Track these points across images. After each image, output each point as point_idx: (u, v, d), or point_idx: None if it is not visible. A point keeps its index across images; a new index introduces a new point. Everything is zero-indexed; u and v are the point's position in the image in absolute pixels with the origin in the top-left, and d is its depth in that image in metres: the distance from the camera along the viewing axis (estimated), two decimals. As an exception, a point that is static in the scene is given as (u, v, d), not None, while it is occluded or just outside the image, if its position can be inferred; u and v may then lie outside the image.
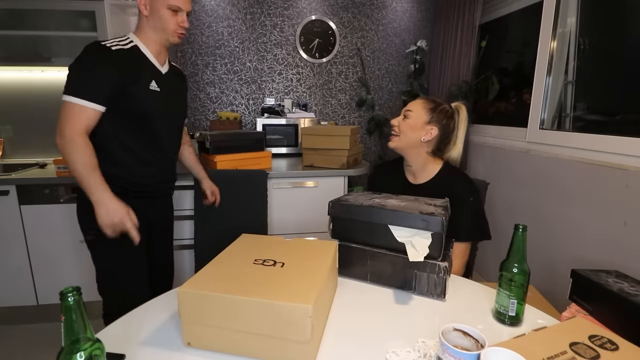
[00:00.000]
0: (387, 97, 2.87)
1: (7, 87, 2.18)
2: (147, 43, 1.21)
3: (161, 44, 1.23)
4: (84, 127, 1.07)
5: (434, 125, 1.19)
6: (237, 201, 1.75)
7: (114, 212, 1.07)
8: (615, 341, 0.64)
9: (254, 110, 2.73)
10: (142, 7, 1.18)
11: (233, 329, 0.67)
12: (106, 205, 1.06)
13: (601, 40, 1.68)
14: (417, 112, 1.20)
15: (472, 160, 2.44)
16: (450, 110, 1.22)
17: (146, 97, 1.18)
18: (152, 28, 1.19)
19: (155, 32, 1.20)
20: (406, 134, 1.20)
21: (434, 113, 1.19)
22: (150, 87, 1.19)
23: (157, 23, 1.18)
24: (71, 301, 0.48)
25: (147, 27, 1.20)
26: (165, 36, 1.20)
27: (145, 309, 0.86)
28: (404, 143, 1.21)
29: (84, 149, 1.06)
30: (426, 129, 1.19)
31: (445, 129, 1.20)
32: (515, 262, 0.77)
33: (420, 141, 1.19)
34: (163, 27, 1.18)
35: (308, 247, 0.88)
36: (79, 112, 1.06)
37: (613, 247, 1.41)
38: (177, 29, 1.20)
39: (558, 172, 1.69)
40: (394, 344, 0.72)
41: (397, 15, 2.76)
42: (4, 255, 1.82)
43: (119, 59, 1.11)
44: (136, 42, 1.19)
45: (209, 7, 2.53)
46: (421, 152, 1.21)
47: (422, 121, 1.19)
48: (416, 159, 1.22)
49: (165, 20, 1.17)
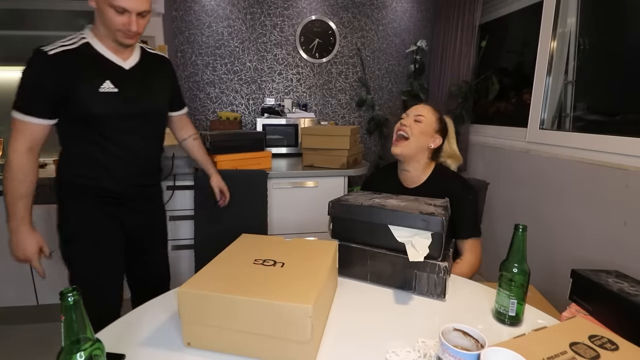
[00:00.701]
0: (387, 97, 2.87)
1: (7, 87, 2.18)
2: (102, 39, 1.09)
3: (113, 41, 1.09)
4: (27, 144, 1.02)
5: (439, 135, 1.21)
6: (237, 201, 1.75)
7: (24, 248, 1.06)
8: (615, 341, 0.64)
9: (254, 110, 2.73)
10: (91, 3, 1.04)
11: (233, 329, 0.67)
12: (18, 238, 1.05)
13: (601, 40, 1.68)
14: (428, 117, 1.20)
15: (472, 160, 2.44)
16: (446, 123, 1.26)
17: (96, 100, 1.06)
18: (102, 24, 1.06)
19: (104, 29, 1.06)
20: (417, 137, 1.18)
21: (441, 123, 1.22)
22: (100, 89, 1.06)
23: (104, 20, 1.04)
24: (71, 301, 0.48)
25: (98, 22, 1.07)
26: (113, 36, 1.07)
27: (145, 309, 0.86)
28: (414, 147, 1.18)
29: (17, 171, 1.02)
30: (435, 137, 1.20)
31: (444, 139, 1.24)
32: (515, 262, 0.77)
33: (427, 147, 1.20)
34: (109, 26, 1.05)
35: (308, 247, 0.88)
36: (22, 128, 1.02)
37: (613, 247, 1.41)
38: (122, 30, 1.04)
39: (558, 172, 1.69)
40: (394, 344, 0.72)
41: (397, 15, 2.76)
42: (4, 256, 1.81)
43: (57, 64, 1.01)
44: (89, 40, 1.07)
45: (209, 7, 2.53)
46: (424, 157, 1.22)
47: (433, 128, 1.20)
48: (417, 164, 1.22)
49: (109, 19, 1.03)
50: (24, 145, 1.02)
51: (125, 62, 1.13)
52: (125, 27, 1.04)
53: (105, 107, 1.07)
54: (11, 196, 1.02)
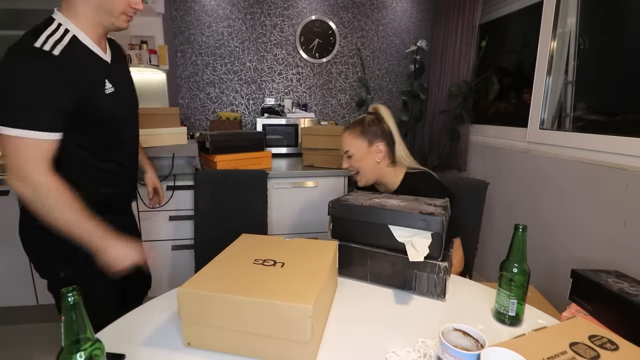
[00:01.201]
0: (387, 97, 2.87)
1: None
2: (86, 28, 0.91)
3: (104, 28, 0.95)
4: (48, 164, 0.84)
5: (376, 141, 1.20)
6: (237, 201, 1.75)
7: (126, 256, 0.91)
8: (615, 341, 0.64)
9: (254, 110, 2.73)
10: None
11: (233, 329, 0.67)
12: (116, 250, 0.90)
13: (601, 40, 1.68)
14: (353, 145, 1.22)
15: (472, 160, 2.44)
16: (373, 116, 1.23)
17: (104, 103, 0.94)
18: (94, 8, 0.90)
19: (97, 14, 0.91)
20: (361, 167, 1.23)
21: (366, 132, 1.20)
22: (105, 91, 0.95)
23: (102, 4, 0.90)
24: (71, 301, 0.48)
25: (87, 9, 0.90)
26: (110, 20, 0.93)
27: (145, 309, 0.86)
28: (369, 175, 1.24)
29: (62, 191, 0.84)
30: (373, 151, 1.20)
31: (385, 135, 1.21)
32: (515, 262, 0.77)
33: (376, 163, 1.21)
34: (111, 10, 0.91)
35: (308, 247, 0.88)
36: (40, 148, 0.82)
37: (613, 247, 1.41)
38: (127, 11, 0.94)
39: (558, 172, 1.69)
40: (394, 344, 0.72)
41: (397, 15, 2.76)
42: (4, 255, 1.82)
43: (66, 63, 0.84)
44: (72, 31, 0.89)
45: (209, 7, 2.53)
46: (383, 168, 1.23)
47: (364, 148, 1.21)
48: (384, 176, 1.24)
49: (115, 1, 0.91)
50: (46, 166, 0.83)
51: (105, 54, 0.99)
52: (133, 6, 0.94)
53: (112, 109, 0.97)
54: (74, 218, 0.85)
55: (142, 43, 2.13)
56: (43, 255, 1.02)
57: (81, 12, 0.90)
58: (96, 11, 0.91)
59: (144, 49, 2.12)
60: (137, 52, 2.08)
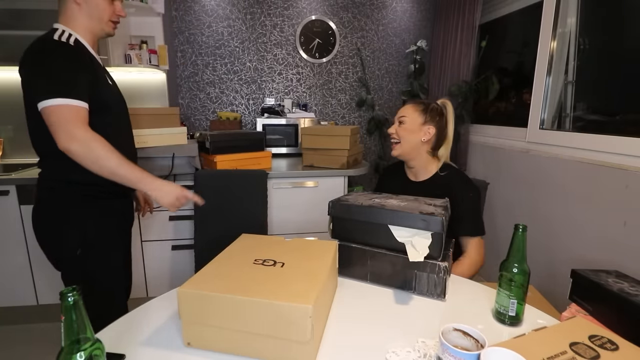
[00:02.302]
0: (387, 97, 2.87)
1: (7, 87, 2.18)
2: (82, 33, 1.08)
3: (95, 34, 1.12)
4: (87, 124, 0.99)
5: (430, 125, 1.23)
6: (237, 201, 1.75)
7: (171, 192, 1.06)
8: (615, 341, 0.64)
9: (254, 110, 2.73)
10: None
11: (233, 329, 0.67)
12: (161, 189, 1.05)
13: (601, 40, 1.68)
14: (410, 116, 1.24)
15: (472, 160, 2.44)
16: (440, 108, 1.26)
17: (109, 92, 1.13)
18: (87, 16, 1.08)
19: (90, 21, 1.09)
20: (406, 138, 1.24)
21: (427, 113, 1.23)
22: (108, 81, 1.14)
23: (93, 11, 1.08)
24: (71, 301, 0.48)
25: (81, 15, 1.07)
26: (100, 27, 1.11)
27: (146, 309, 0.86)
28: (407, 148, 1.25)
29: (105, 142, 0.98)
30: (424, 130, 1.23)
31: (439, 125, 1.24)
32: (515, 262, 0.77)
33: (420, 142, 1.24)
34: (99, 17, 1.09)
35: (308, 247, 0.88)
36: (78, 112, 0.97)
37: (613, 247, 1.41)
38: (113, 18, 1.12)
39: (558, 172, 1.69)
40: (394, 344, 0.72)
41: (397, 15, 2.76)
42: (4, 255, 1.82)
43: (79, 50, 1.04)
44: (74, 35, 1.06)
45: (209, 7, 2.53)
46: (422, 152, 1.26)
47: (418, 123, 1.23)
48: (418, 159, 1.27)
49: (102, 9, 1.08)
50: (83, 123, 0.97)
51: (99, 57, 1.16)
52: (118, 14, 1.13)
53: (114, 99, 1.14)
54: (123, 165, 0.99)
55: (142, 43, 2.13)
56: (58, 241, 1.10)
57: (77, 21, 1.08)
58: (89, 19, 1.08)
59: (144, 49, 2.12)
60: (137, 52, 2.08)
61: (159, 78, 2.33)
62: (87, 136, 0.96)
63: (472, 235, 1.17)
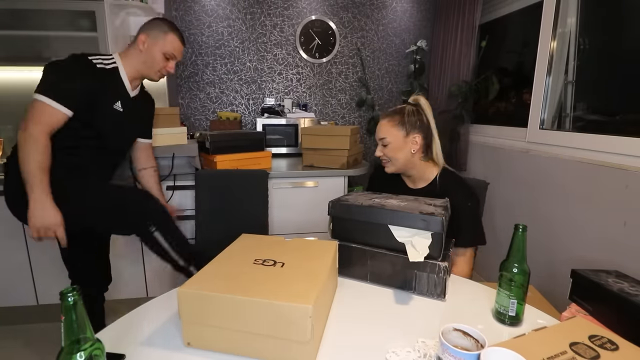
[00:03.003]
0: (387, 97, 2.87)
1: (7, 87, 2.18)
2: (128, 69, 1.30)
3: (141, 75, 1.34)
4: (49, 128, 1.12)
5: (413, 133, 1.17)
6: (237, 201, 1.75)
7: (49, 217, 1.11)
8: (615, 341, 0.64)
9: (254, 110, 2.73)
10: (140, 44, 1.28)
11: (233, 329, 0.67)
12: (44, 208, 1.10)
13: (601, 40, 1.68)
14: (390, 135, 1.18)
15: (472, 160, 2.44)
16: (414, 108, 1.19)
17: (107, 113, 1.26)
18: (142, 62, 1.30)
19: (141, 66, 1.31)
20: (395, 157, 1.19)
21: (405, 123, 1.17)
22: (114, 106, 1.27)
23: (148, 60, 1.30)
24: (71, 301, 0.48)
25: (136, 59, 1.30)
26: (148, 73, 1.33)
27: (146, 309, 0.86)
28: (399, 164, 1.21)
29: (43, 149, 1.10)
30: (409, 142, 1.17)
31: (422, 128, 1.18)
32: (515, 262, 0.77)
33: (411, 154, 1.19)
34: (151, 66, 1.31)
35: (308, 247, 0.88)
36: (49, 112, 1.11)
37: (613, 247, 1.41)
38: (162, 72, 1.34)
39: (558, 172, 1.69)
40: (394, 344, 0.72)
41: (397, 15, 2.76)
42: (4, 255, 1.82)
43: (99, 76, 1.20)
44: (118, 64, 1.28)
45: (209, 7, 2.53)
46: (416, 161, 1.21)
47: (401, 138, 1.17)
48: (414, 169, 1.22)
49: (157, 62, 1.31)
50: (47, 129, 1.11)
51: (132, 91, 1.35)
52: (166, 70, 1.35)
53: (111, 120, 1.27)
54: (33, 166, 1.08)
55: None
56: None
57: (132, 59, 1.30)
58: (142, 63, 1.31)
59: (144, 49, 2.12)
60: (137, 52, 2.08)
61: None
62: (32, 134, 1.08)
63: (465, 246, 1.13)
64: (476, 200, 1.20)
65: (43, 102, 1.10)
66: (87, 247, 1.40)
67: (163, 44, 1.30)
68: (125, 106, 1.31)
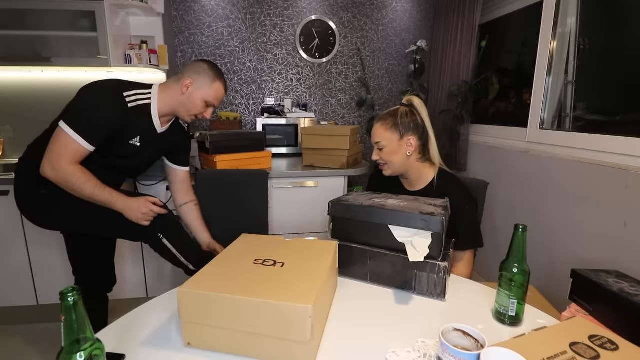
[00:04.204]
0: (387, 97, 2.87)
1: (6, 87, 2.18)
2: (162, 106, 1.27)
3: (174, 114, 1.32)
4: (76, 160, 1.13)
5: (408, 135, 1.16)
6: (237, 201, 1.75)
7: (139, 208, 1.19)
8: (615, 341, 0.64)
9: (254, 110, 2.73)
10: (184, 87, 1.26)
11: (233, 329, 0.67)
12: (131, 207, 1.19)
13: (601, 40, 1.68)
14: (385, 139, 1.18)
15: (472, 160, 2.44)
16: (408, 110, 1.18)
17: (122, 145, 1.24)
18: (180, 103, 1.27)
19: (179, 106, 1.28)
20: (391, 160, 1.19)
21: (399, 126, 1.16)
22: (130, 141, 1.25)
23: (187, 103, 1.27)
24: (71, 301, 0.48)
25: (176, 99, 1.27)
26: (183, 115, 1.30)
27: (146, 309, 0.86)
28: (396, 167, 1.21)
29: (84, 177, 1.13)
30: (404, 144, 1.17)
31: (417, 129, 1.17)
32: (515, 262, 0.77)
33: (407, 157, 1.18)
34: (189, 110, 1.28)
35: (308, 247, 0.88)
36: (73, 148, 1.11)
37: (613, 247, 1.41)
38: (198, 117, 1.32)
39: (558, 172, 1.69)
40: (394, 344, 0.72)
41: (397, 15, 2.76)
42: (4, 255, 1.82)
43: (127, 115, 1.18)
44: (152, 100, 1.26)
45: (209, 7, 2.53)
46: (412, 163, 1.20)
47: (396, 141, 1.17)
48: (412, 171, 1.22)
49: (196, 107, 1.28)
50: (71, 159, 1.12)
51: (161, 128, 1.31)
52: (203, 116, 1.32)
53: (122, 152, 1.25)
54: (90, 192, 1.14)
55: (142, 43, 2.13)
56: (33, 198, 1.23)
57: (169, 99, 1.27)
58: (180, 104, 1.28)
59: (144, 49, 2.12)
60: (137, 52, 2.08)
61: (159, 78, 2.33)
62: (67, 171, 1.10)
63: (463, 249, 1.13)
64: (474, 202, 1.20)
65: (67, 135, 1.09)
66: (94, 249, 1.40)
67: (208, 92, 1.28)
68: (143, 141, 1.27)
